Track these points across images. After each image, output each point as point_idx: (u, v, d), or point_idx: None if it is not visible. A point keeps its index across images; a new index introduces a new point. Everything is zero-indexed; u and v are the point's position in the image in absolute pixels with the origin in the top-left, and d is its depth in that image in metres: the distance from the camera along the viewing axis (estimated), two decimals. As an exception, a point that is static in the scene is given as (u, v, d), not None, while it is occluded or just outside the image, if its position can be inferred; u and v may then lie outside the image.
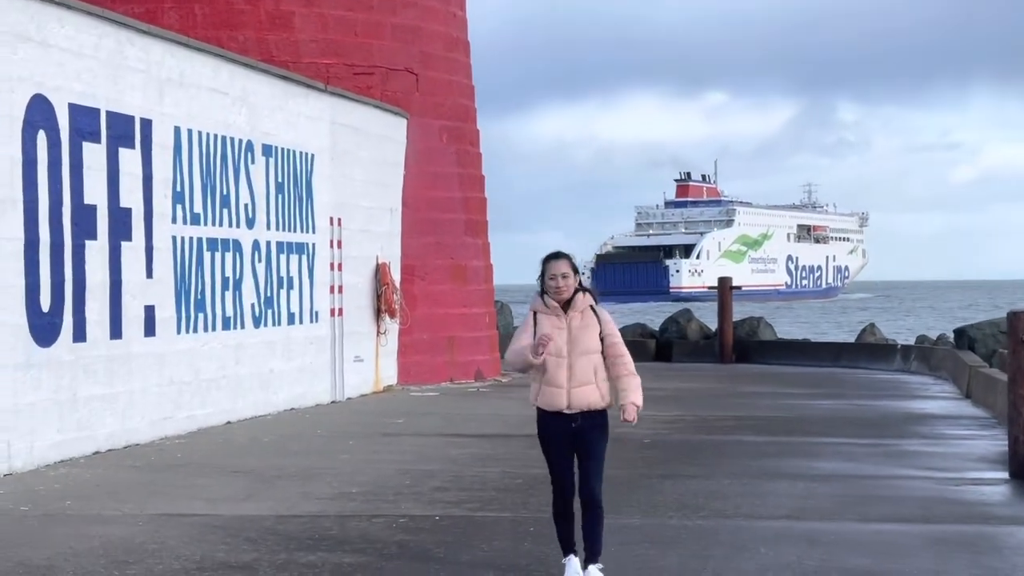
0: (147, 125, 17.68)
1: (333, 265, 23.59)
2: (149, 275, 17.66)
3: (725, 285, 38.14)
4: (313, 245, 22.87)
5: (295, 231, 22.20)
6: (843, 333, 70.89)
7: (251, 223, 20.69)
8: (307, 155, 22.67)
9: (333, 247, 23.59)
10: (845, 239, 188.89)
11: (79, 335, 15.94)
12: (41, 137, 15.30)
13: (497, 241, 30.33)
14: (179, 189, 18.55)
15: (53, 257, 15.44)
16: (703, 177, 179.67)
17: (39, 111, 15.28)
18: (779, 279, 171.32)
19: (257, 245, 20.87)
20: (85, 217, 16.13)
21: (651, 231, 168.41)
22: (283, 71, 22.55)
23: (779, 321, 66.29)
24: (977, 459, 16.41)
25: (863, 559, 10.34)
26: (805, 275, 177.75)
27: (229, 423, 19.41)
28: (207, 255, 19.29)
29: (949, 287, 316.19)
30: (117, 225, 16.87)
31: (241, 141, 20.39)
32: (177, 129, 18.51)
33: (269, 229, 21.27)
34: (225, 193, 19.88)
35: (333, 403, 23.18)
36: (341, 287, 23.83)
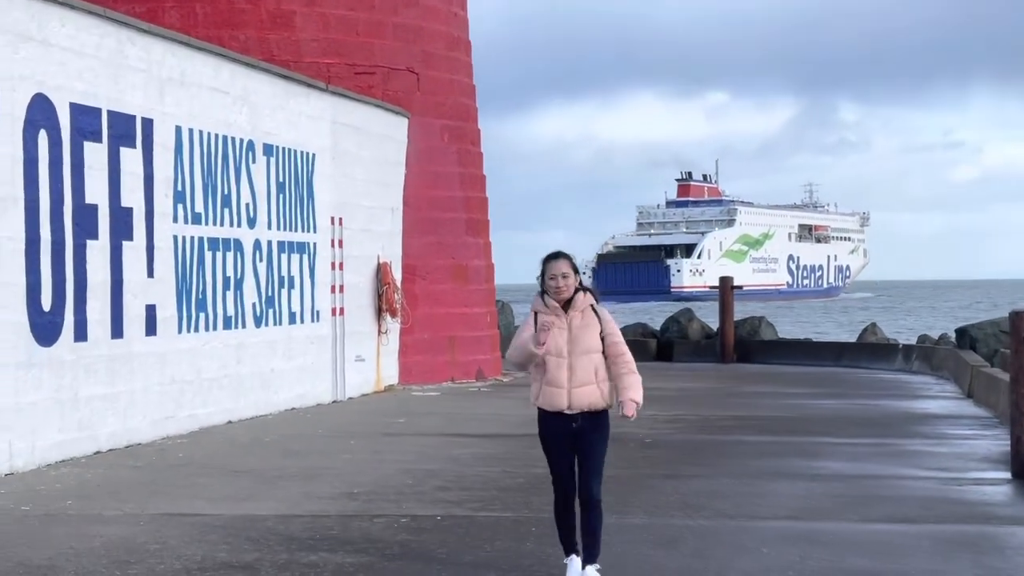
0: (148, 124, 17.67)
1: (334, 264, 23.58)
2: (150, 274, 17.64)
3: (726, 285, 38.12)
4: (314, 244, 22.85)
5: (296, 230, 22.18)
6: (844, 333, 70.82)
7: (252, 222, 20.68)
8: (308, 154, 22.65)
9: (334, 246, 23.58)
10: (846, 239, 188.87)
11: (80, 334, 15.93)
12: (42, 136, 15.29)
13: (498, 240, 30.35)
14: (180, 188, 18.54)
15: (54, 256, 15.43)
16: (704, 177, 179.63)
17: (40, 110, 15.27)
18: (780, 279, 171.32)
19: (258, 244, 20.85)
20: (86, 216, 16.12)
21: (652, 231, 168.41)
22: (284, 70, 22.53)
23: (780, 321, 66.22)
24: (979, 459, 16.39)
25: (865, 559, 10.33)
26: (806, 275, 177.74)
27: (230, 423, 19.40)
28: (208, 254, 19.28)
29: (950, 286, 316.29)
30: (118, 224, 16.86)
31: (242, 140, 20.38)
32: (178, 128, 18.50)
33: (270, 228, 21.26)
34: (226, 192, 19.86)
35: (334, 403, 23.17)
36: (342, 286, 23.82)
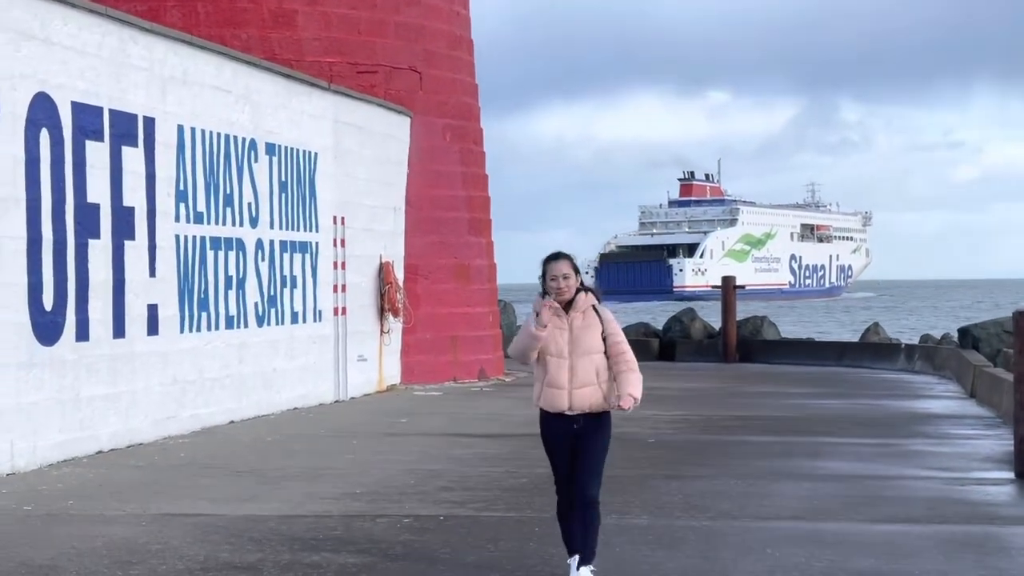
0: (150, 123, 17.64)
1: (336, 264, 23.55)
2: (152, 274, 17.61)
3: (729, 284, 38.10)
4: (316, 244, 22.82)
5: (298, 230, 22.15)
6: (847, 332, 70.77)
7: (254, 222, 20.64)
8: (310, 153, 22.62)
9: (336, 246, 23.54)
10: (848, 238, 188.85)
11: (82, 334, 15.90)
12: (44, 135, 15.25)
13: (499, 240, 30.30)
14: (182, 188, 18.51)
15: (56, 256, 15.40)
16: (707, 176, 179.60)
17: (42, 109, 15.24)
18: (782, 278, 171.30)
19: (260, 244, 20.82)
20: (88, 216, 16.08)
21: (655, 230, 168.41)
22: (286, 69, 22.50)
23: (782, 320, 66.23)
24: (983, 459, 16.36)
25: (870, 560, 10.29)
26: (808, 274, 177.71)
27: (233, 422, 19.37)
28: (210, 254, 19.25)
29: (952, 286, 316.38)
30: (120, 224, 16.82)
31: (244, 139, 20.34)
32: (180, 127, 18.46)
33: (272, 228, 21.22)
34: (228, 192, 19.83)
35: (336, 402, 23.14)
36: (344, 286, 23.79)
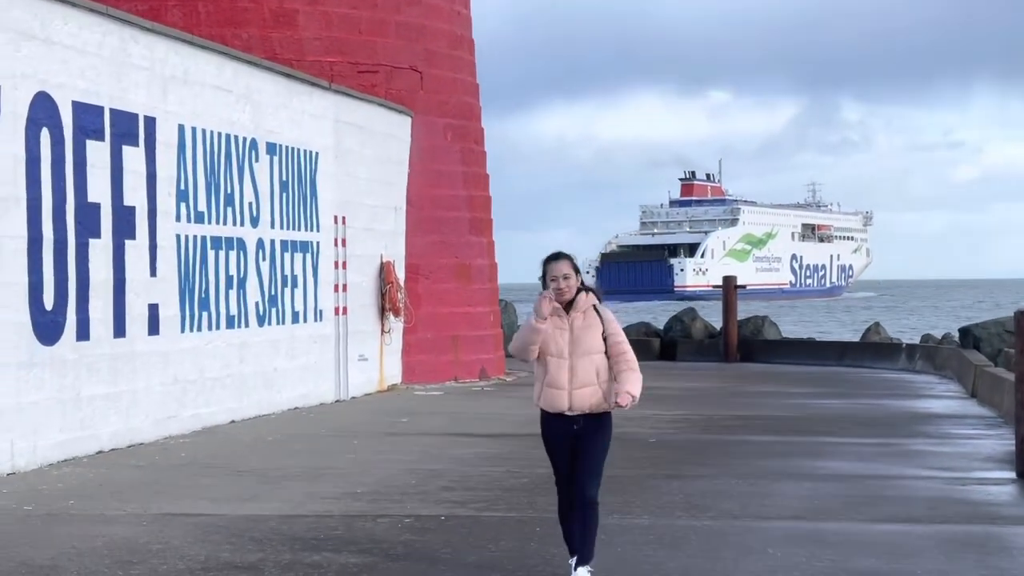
0: (151, 123, 17.62)
1: (337, 263, 23.53)
2: (153, 273, 17.60)
3: (730, 284, 38.08)
4: (317, 243, 22.81)
5: (299, 229, 22.14)
6: (847, 332, 70.70)
7: (255, 221, 20.63)
8: (311, 153, 22.61)
9: (337, 245, 23.53)
10: (849, 238, 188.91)
11: (83, 333, 15.88)
12: (44, 135, 15.24)
13: (500, 240, 30.30)
14: (183, 187, 18.49)
15: (56, 255, 15.38)
16: (708, 176, 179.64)
17: (43, 109, 15.23)
18: (783, 278, 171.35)
19: (261, 243, 20.81)
20: (89, 215, 16.07)
21: (656, 230, 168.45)
22: (287, 69, 22.49)
23: (783, 320, 66.19)
24: (984, 459, 16.35)
25: (872, 559, 10.28)
26: (809, 274, 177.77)
27: (233, 422, 19.36)
28: (211, 253, 19.24)
29: (952, 286, 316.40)
30: (121, 223, 16.81)
31: (245, 139, 20.33)
32: (181, 127, 18.45)
33: (273, 227, 21.21)
34: (229, 191, 19.82)
35: (337, 402, 23.13)
36: (345, 286, 23.78)
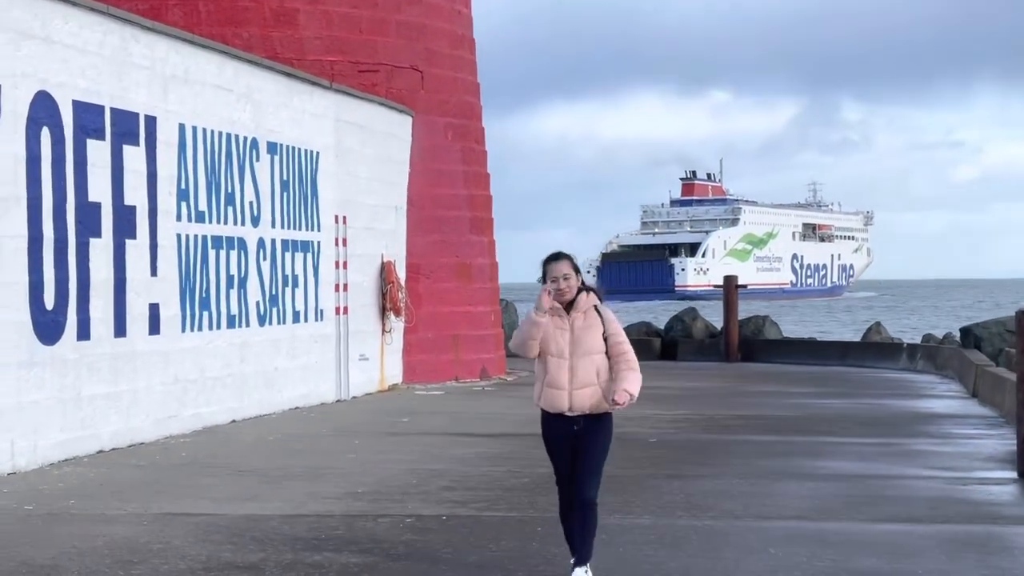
0: (151, 122, 17.61)
1: (338, 263, 23.52)
2: (154, 273, 17.59)
3: (731, 284, 38.06)
4: (318, 243, 22.80)
5: (300, 229, 22.13)
6: (848, 332, 70.69)
7: (256, 221, 20.62)
8: (312, 152, 22.60)
9: (338, 245, 23.52)
10: (850, 238, 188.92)
11: (83, 333, 15.87)
12: (45, 134, 15.23)
13: (500, 240, 30.30)
14: (184, 187, 18.48)
15: (57, 254, 15.37)
16: (708, 176, 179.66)
17: (43, 108, 15.21)
18: (784, 278, 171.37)
19: (262, 243, 20.80)
20: (89, 214, 16.06)
21: (657, 230, 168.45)
22: (288, 68, 22.48)
23: (784, 320, 66.17)
24: (985, 458, 16.34)
25: (873, 559, 10.27)
26: (810, 274, 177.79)
27: (234, 422, 19.35)
28: (212, 253, 19.22)
29: (953, 286, 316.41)
30: (121, 222, 16.80)
31: (246, 138, 20.32)
32: (182, 126, 18.44)
33: (274, 227, 21.20)
34: (230, 191, 19.81)
35: (338, 402, 23.12)
36: (346, 285, 23.77)
